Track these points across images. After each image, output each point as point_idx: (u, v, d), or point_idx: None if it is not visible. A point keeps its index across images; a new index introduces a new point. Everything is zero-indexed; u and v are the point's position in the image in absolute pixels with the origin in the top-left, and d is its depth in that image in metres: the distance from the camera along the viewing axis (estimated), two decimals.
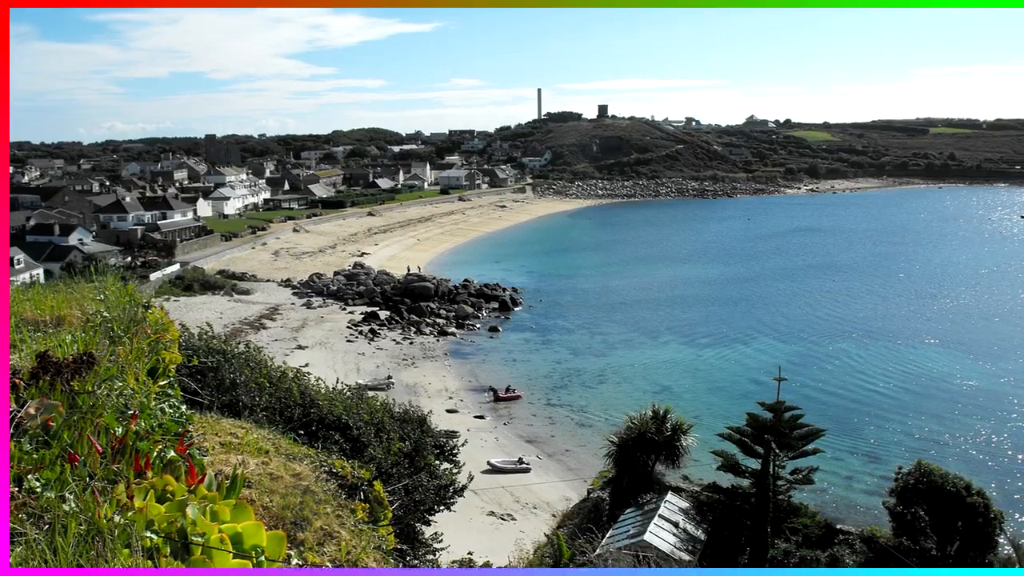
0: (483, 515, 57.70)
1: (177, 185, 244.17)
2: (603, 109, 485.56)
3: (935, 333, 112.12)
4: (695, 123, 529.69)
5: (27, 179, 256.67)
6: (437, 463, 25.87)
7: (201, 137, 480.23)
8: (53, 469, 4.41)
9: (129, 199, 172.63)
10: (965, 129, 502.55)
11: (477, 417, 79.43)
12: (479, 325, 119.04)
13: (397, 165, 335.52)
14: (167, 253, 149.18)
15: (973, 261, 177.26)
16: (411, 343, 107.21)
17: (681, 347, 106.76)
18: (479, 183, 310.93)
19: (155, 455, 5.10)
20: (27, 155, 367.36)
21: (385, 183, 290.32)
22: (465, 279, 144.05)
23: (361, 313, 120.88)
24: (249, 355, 19.63)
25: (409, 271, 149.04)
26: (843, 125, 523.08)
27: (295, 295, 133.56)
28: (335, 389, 22.63)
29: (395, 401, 26.64)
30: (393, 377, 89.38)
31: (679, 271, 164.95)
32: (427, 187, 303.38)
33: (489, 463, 66.12)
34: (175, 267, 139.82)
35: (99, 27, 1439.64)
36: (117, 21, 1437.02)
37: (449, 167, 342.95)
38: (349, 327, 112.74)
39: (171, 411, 6.26)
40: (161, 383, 7.02)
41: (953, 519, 36.19)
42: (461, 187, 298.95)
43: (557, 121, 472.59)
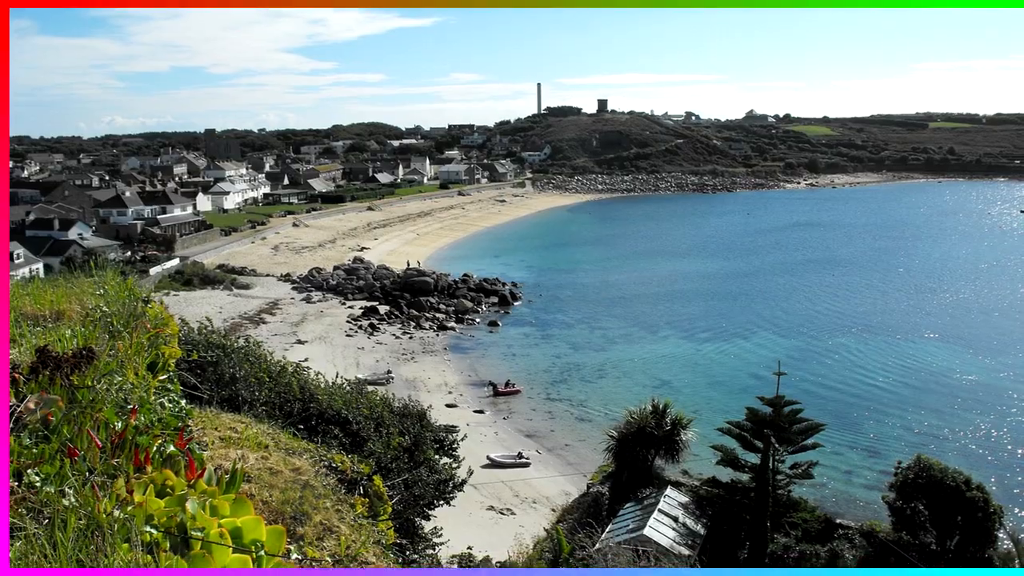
0: (483, 510, 57.72)
1: (177, 180, 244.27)
2: (603, 103, 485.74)
3: (935, 328, 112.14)
4: (695, 118, 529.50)
5: (27, 174, 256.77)
6: (437, 458, 25.85)
7: (201, 132, 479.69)
8: (53, 464, 4.40)
9: (129, 194, 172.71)
10: (965, 124, 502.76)
11: (476, 412, 79.44)
12: (479, 320, 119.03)
13: (397, 160, 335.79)
14: (167, 248, 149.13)
15: (973, 256, 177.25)
16: (411, 338, 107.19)
17: (681, 342, 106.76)
18: (478, 178, 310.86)
19: (155, 450, 5.10)
20: (27, 149, 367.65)
21: (384, 177, 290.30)
22: (465, 274, 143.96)
23: (361, 308, 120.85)
24: (249, 350, 19.63)
25: (408, 266, 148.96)
26: (843, 120, 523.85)
27: (295, 290, 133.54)
28: (334, 384, 22.63)
29: (394, 396, 26.61)
30: (393, 372, 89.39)
31: (679, 266, 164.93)
32: (426, 182, 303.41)
33: (489, 458, 66.13)
34: (175, 262, 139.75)
35: (99, 21, 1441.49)
36: (118, 15, 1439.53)
37: (448, 162, 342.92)
38: (348, 322, 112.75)
39: (171, 406, 6.25)
40: (161, 378, 7.02)
41: (953, 514, 36.20)
42: (460, 182, 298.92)
43: (556, 116, 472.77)
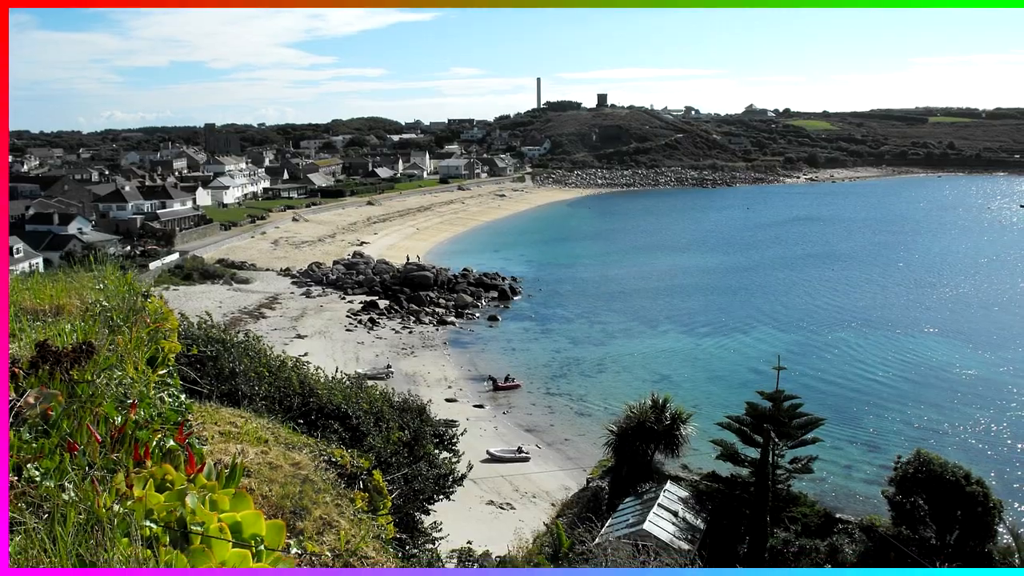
0: (482, 504, 57.75)
1: (176, 174, 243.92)
2: (602, 98, 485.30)
3: (934, 322, 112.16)
4: (694, 112, 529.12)
5: (26, 168, 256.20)
6: (436, 452, 25.87)
7: (200, 126, 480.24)
8: (52, 458, 4.40)
9: (128, 188, 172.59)
10: (964, 118, 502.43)
11: (476, 406, 79.45)
12: (478, 314, 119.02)
13: (396, 154, 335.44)
14: (166, 242, 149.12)
15: (972, 250, 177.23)
16: (410, 332, 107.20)
17: (680, 336, 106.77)
18: (478, 172, 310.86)
19: (154, 444, 5.10)
20: (26, 144, 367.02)
21: (384, 172, 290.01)
22: (464, 268, 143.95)
23: (360, 302, 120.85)
24: (248, 344, 19.63)
25: (408, 260, 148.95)
26: (842, 114, 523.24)
27: (294, 284, 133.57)
28: (334, 378, 22.64)
29: (394, 390, 26.64)
30: (392, 366, 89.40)
31: (678, 260, 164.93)
32: (426, 176, 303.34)
33: (488, 452, 66.16)
34: (174, 256, 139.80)
35: (99, 16, 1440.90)
36: (117, 10, 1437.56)
37: (448, 156, 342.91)
38: (348, 316, 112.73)
39: (170, 400, 6.25)
40: (160, 372, 7.02)
41: (952, 508, 36.23)
42: (460, 176, 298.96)
43: (556, 110, 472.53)
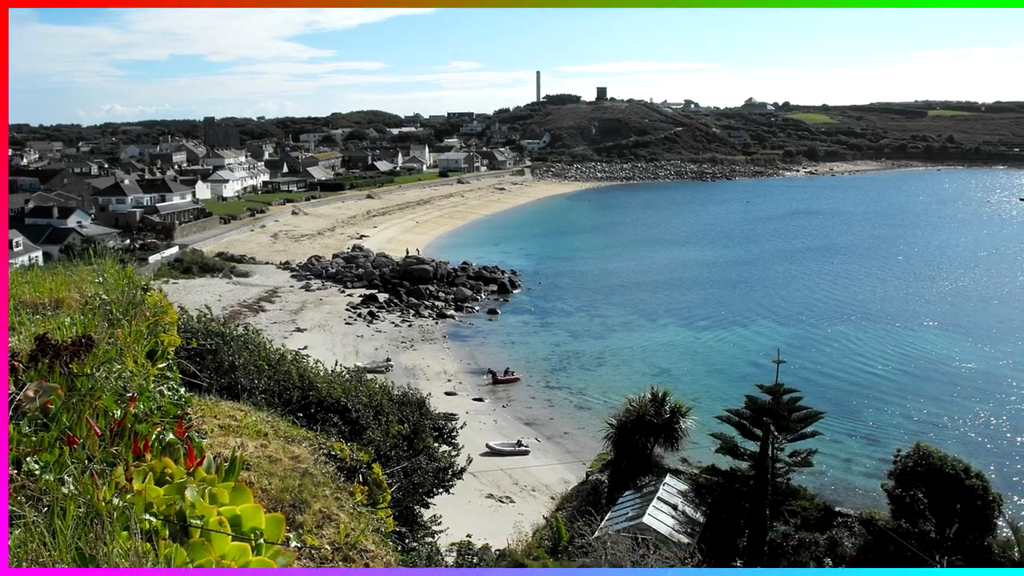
0: (482, 498, 57.77)
1: (176, 168, 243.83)
2: (602, 91, 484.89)
3: (934, 315, 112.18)
4: (694, 106, 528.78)
5: (26, 162, 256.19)
6: (436, 446, 25.86)
7: (200, 120, 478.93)
8: (52, 451, 4.40)
9: (128, 182, 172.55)
10: (964, 112, 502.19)
11: (476, 400, 79.45)
12: (478, 308, 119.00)
13: (396, 148, 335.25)
14: (166, 236, 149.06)
15: (972, 243, 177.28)
16: (410, 326, 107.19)
17: (680, 330, 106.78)
18: (478, 166, 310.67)
19: (154, 438, 5.10)
20: (26, 137, 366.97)
21: (384, 166, 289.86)
22: (464, 261, 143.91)
23: (360, 296, 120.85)
24: (248, 337, 19.62)
25: (408, 254, 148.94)
26: (842, 108, 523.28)
27: (294, 277, 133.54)
28: (334, 372, 22.62)
29: (394, 384, 26.61)
30: (392, 359, 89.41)
31: (678, 253, 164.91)
32: (426, 170, 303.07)
33: (488, 446, 66.16)
34: (174, 250, 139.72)
35: (98, 9, 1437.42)
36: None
37: (448, 150, 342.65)
38: (348, 310, 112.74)
39: (170, 393, 6.25)
40: (160, 366, 7.02)
41: (952, 501, 36.25)
42: (460, 170, 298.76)
43: (556, 104, 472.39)
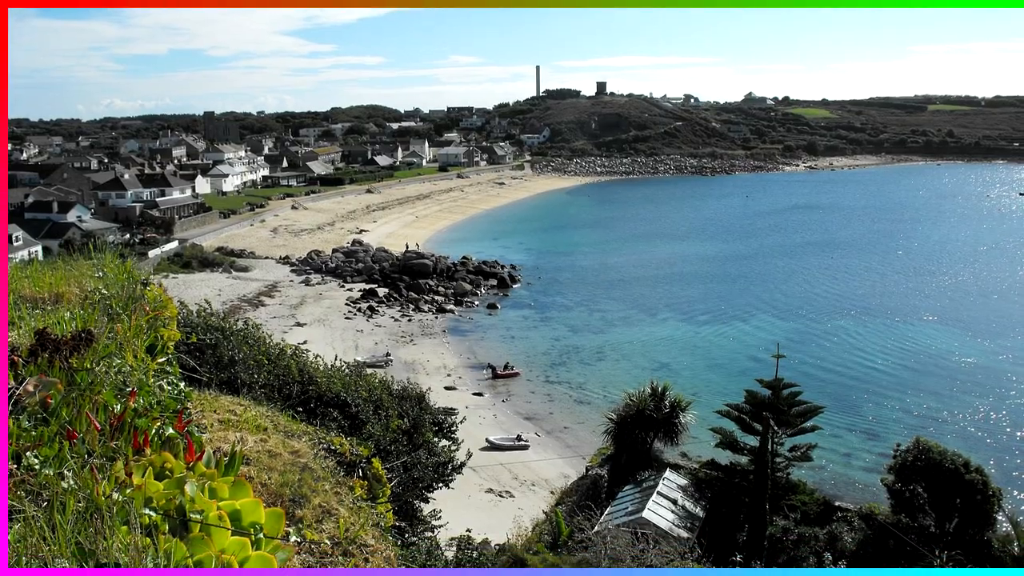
0: (481, 492, 57.84)
1: (175, 162, 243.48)
2: (601, 86, 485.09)
3: (933, 310, 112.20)
4: (693, 100, 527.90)
5: (25, 156, 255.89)
6: (435, 440, 25.91)
7: (200, 114, 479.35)
8: (51, 446, 4.40)
9: (128, 176, 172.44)
10: (963, 106, 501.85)
11: (475, 394, 79.53)
12: (477, 302, 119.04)
13: (395, 142, 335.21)
14: (165, 230, 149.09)
15: (972, 238, 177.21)
16: (409, 320, 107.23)
17: (680, 324, 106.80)
18: (477, 160, 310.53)
19: (154, 432, 5.09)
20: (25, 132, 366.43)
21: (383, 160, 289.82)
22: (464, 256, 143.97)
23: (359, 290, 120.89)
24: (248, 332, 19.62)
25: (408, 248, 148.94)
26: (841, 102, 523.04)
27: (293, 272, 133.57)
28: (333, 366, 22.66)
29: (393, 378, 26.67)
30: (391, 354, 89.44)
31: (677, 248, 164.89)
32: (425, 164, 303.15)
33: (487, 440, 66.25)
34: (173, 244, 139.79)
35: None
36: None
37: (447, 144, 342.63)
38: (347, 304, 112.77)
39: (170, 388, 6.25)
40: (160, 360, 7.01)
41: (951, 496, 36.26)
42: (459, 164, 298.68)
43: (555, 98, 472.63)
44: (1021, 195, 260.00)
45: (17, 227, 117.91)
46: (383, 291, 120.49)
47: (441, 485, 25.78)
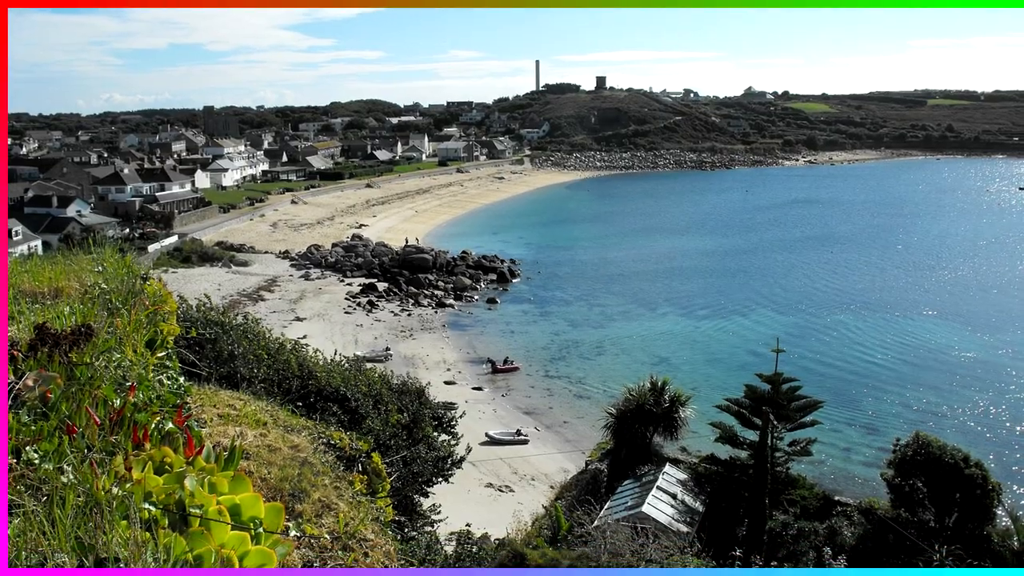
0: (481, 487, 57.85)
1: (175, 157, 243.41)
2: (601, 81, 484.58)
3: (933, 305, 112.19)
4: (693, 95, 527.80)
5: (25, 151, 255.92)
6: (435, 435, 25.90)
7: (199, 109, 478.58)
8: (51, 441, 4.40)
9: (127, 171, 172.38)
10: (963, 101, 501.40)
11: (475, 389, 79.52)
12: (477, 297, 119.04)
13: (395, 137, 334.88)
14: (165, 225, 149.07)
15: (971, 233, 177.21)
16: (409, 315, 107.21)
17: (679, 319, 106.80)
18: (477, 155, 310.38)
19: (153, 427, 5.09)
20: (25, 127, 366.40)
21: (383, 155, 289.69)
22: (463, 251, 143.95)
23: (359, 285, 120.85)
24: (247, 327, 19.60)
25: (407, 243, 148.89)
26: (841, 97, 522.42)
27: (293, 267, 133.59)
28: (333, 361, 22.62)
29: (393, 373, 26.64)
30: (391, 349, 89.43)
31: (677, 243, 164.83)
32: (425, 159, 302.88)
33: (487, 435, 66.27)
34: (173, 239, 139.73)
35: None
36: None
37: (447, 139, 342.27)
38: (347, 299, 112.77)
39: (169, 383, 6.25)
40: (159, 355, 7.01)
41: (951, 490, 36.26)
42: (459, 159, 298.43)
43: (555, 93, 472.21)
44: (1021, 190, 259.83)
45: (17, 222, 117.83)
46: (383, 286, 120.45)
47: (441, 480, 25.78)
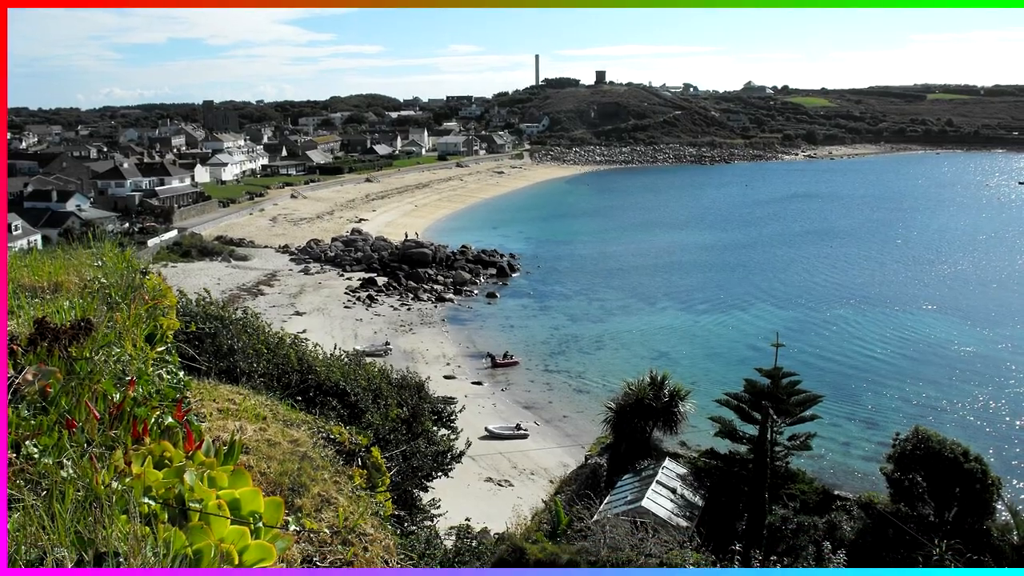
0: (481, 481, 57.90)
1: (175, 151, 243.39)
2: (601, 75, 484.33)
3: (933, 299, 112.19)
4: (693, 89, 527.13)
5: (25, 145, 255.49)
6: (435, 429, 25.94)
7: (199, 103, 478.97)
8: (51, 435, 4.40)
9: (127, 165, 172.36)
10: (963, 95, 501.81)
11: (475, 383, 79.53)
12: (477, 291, 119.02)
13: (395, 131, 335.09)
14: (165, 219, 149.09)
15: (971, 227, 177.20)
16: (409, 309, 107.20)
17: (679, 313, 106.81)
18: (477, 149, 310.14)
19: (153, 421, 5.09)
20: (25, 121, 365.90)
21: (383, 149, 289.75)
22: (463, 245, 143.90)
23: (359, 279, 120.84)
24: (247, 321, 19.62)
25: (407, 237, 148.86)
26: (841, 91, 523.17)
27: (293, 261, 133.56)
28: (333, 355, 22.66)
29: (393, 367, 26.68)
30: (391, 343, 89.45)
31: (677, 237, 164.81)
32: (425, 153, 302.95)
33: (487, 429, 66.26)
34: (173, 233, 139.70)
35: None
36: None
37: (447, 133, 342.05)
38: (347, 293, 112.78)
39: (169, 377, 6.24)
40: (159, 349, 7.01)
41: (951, 485, 36.24)
42: (459, 153, 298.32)
43: (555, 87, 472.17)
44: (1020, 184, 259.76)
45: (16, 216, 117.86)
46: (382, 280, 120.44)
47: (440, 474, 25.81)
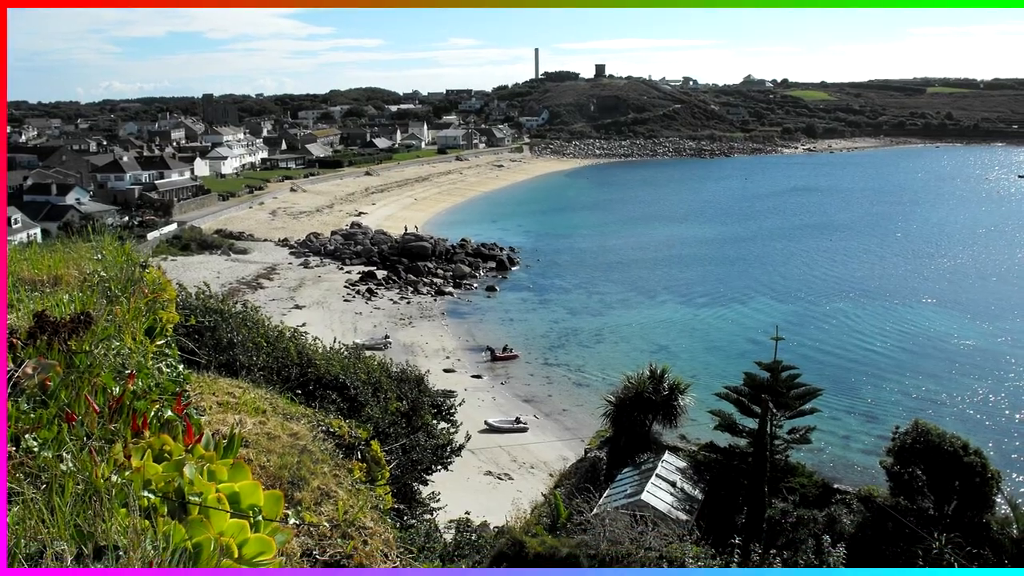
0: (480, 475, 57.92)
1: (174, 145, 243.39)
2: (600, 69, 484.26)
3: (932, 293, 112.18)
4: (692, 83, 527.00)
5: (24, 139, 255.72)
6: (434, 423, 25.90)
7: (198, 97, 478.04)
8: (50, 429, 4.40)
9: (126, 159, 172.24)
10: (962, 89, 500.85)
11: (474, 377, 79.53)
12: (476, 285, 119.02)
13: (394, 125, 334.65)
14: (164, 213, 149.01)
15: (970, 220, 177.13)
16: (408, 303, 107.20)
17: (678, 307, 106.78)
18: (476, 143, 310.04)
19: (152, 415, 5.09)
20: (24, 115, 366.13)
21: (382, 143, 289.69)
22: (462, 239, 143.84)
23: (358, 273, 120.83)
24: (246, 314, 19.60)
25: (406, 231, 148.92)
26: (840, 84, 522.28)
27: (292, 255, 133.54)
28: (332, 349, 22.62)
29: (392, 361, 26.63)
30: (390, 337, 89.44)
31: (676, 231, 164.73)
32: (424, 147, 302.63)
33: (486, 423, 66.30)
34: (172, 227, 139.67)
35: None
36: None
37: (446, 127, 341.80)
38: (346, 287, 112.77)
39: (168, 370, 6.24)
40: (158, 342, 7.00)
41: (950, 478, 36.24)
42: (458, 147, 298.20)
43: (554, 81, 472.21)
44: (1020, 177, 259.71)
45: (16, 209, 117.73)
46: (382, 273, 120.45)
47: (440, 467, 25.78)
